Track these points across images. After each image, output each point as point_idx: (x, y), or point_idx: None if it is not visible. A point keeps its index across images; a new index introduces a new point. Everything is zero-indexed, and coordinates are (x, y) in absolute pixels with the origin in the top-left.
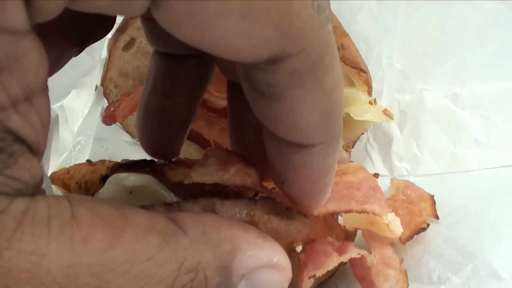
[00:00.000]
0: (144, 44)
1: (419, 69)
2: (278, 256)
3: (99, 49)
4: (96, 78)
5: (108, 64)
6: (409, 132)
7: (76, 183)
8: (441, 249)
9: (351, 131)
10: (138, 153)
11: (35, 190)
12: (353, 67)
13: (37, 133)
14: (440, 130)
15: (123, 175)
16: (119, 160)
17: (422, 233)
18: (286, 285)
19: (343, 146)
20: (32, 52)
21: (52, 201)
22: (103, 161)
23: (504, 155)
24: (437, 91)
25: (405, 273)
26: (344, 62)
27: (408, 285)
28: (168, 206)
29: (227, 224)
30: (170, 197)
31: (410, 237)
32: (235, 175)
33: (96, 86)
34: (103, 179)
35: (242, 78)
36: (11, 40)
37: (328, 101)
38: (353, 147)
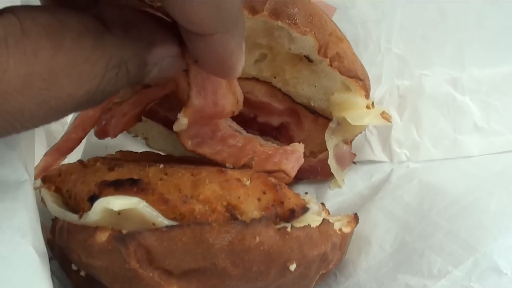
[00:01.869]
0: None
1: (418, 53)
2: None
3: None
4: None
5: None
6: (409, 118)
7: (67, 191)
8: (442, 243)
9: (348, 132)
10: (132, 142)
11: None
12: (349, 77)
13: None
14: (440, 115)
15: (109, 199)
16: (113, 152)
17: (426, 228)
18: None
19: (342, 140)
20: None
21: (4, 22)
22: (95, 160)
23: (505, 140)
24: (436, 76)
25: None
26: (339, 71)
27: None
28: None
29: (145, 20)
30: (159, 218)
31: None
32: None
33: None
34: (91, 199)
35: None
36: None
37: None
38: (351, 141)
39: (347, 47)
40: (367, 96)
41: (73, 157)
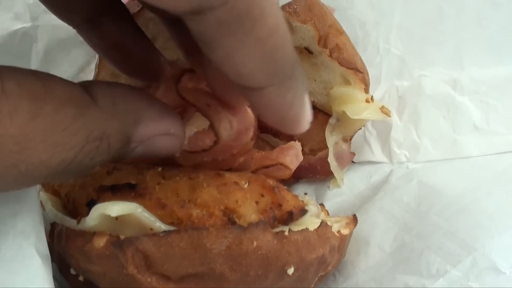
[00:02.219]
0: None
1: (417, 54)
2: (176, 128)
3: None
4: (91, 73)
5: (99, 66)
6: (408, 118)
7: (65, 195)
8: (441, 243)
9: (348, 128)
10: None
11: None
12: (348, 68)
13: None
14: (439, 116)
15: (107, 205)
16: None
17: (425, 228)
18: (177, 149)
19: (341, 138)
20: None
21: None
22: None
23: (505, 141)
24: (435, 76)
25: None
26: (339, 63)
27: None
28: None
29: (135, 96)
30: (157, 223)
31: None
32: None
33: None
34: (89, 204)
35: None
36: None
37: (265, 49)
38: (351, 139)
39: (347, 40)
40: (366, 90)
41: None
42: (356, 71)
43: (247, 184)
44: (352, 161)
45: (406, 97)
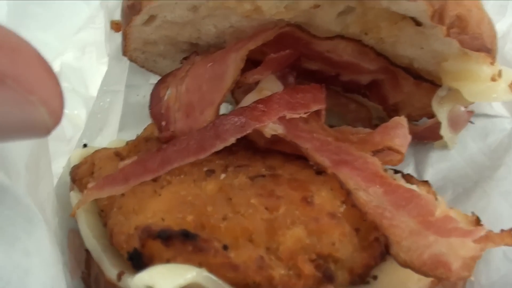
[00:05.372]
0: (169, 17)
1: None
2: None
3: None
4: (94, 31)
5: (126, 40)
6: None
7: (102, 210)
8: None
9: (462, 101)
10: None
11: None
12: (472, 50)
13: None
14: None
15: (156, 277)
16: None
17: None
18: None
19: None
20: None
21: None
22: (135, 144)
23: None
24: None
25: None
26: (461, 43)
27: None
28: None
29: None
30: None
31: None
32: None
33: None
34: (132, 257)
35: None
36: None
37: None
38: None
39: (472, 2)
40: (492, 62)
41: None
42: (484, 53)
43: (343, 206)
44: (470, 122)
45: None
